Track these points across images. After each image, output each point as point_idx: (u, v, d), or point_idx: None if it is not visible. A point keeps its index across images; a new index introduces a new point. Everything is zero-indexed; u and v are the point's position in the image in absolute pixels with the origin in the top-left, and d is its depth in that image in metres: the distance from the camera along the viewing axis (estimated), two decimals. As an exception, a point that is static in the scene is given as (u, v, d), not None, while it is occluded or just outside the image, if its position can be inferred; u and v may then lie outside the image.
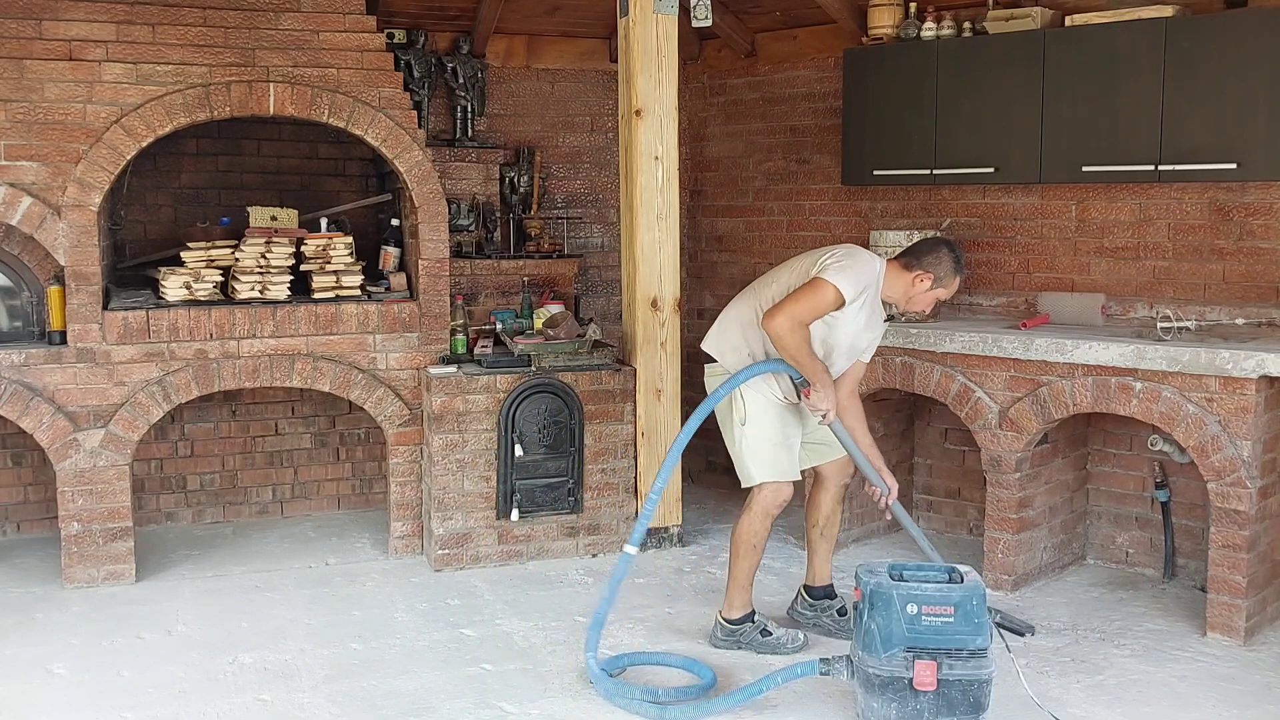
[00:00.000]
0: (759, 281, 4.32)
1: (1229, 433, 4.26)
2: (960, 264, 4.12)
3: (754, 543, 4.23)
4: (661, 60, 5.29)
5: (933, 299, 4.13)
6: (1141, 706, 3.81)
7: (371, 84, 5.21)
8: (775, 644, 4.25)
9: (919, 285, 4.07)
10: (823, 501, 4.42)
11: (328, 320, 5.22)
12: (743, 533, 4.24)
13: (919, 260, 4.08)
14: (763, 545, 4.27)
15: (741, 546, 4.24)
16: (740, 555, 4.24)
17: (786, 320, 3.90)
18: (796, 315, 3.91)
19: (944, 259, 4.07)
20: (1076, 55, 4.92)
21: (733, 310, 4.32)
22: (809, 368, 3.96)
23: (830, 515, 4.43)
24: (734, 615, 4.29)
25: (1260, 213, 4.77)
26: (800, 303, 3.92)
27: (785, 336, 3.92)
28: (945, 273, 4.08)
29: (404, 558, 5.35)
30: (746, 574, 4.26)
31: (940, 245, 4.11)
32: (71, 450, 4.88)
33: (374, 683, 3.99)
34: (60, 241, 4.82)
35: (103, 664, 4.14)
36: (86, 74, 4.83)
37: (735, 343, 4.24)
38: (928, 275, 4.06)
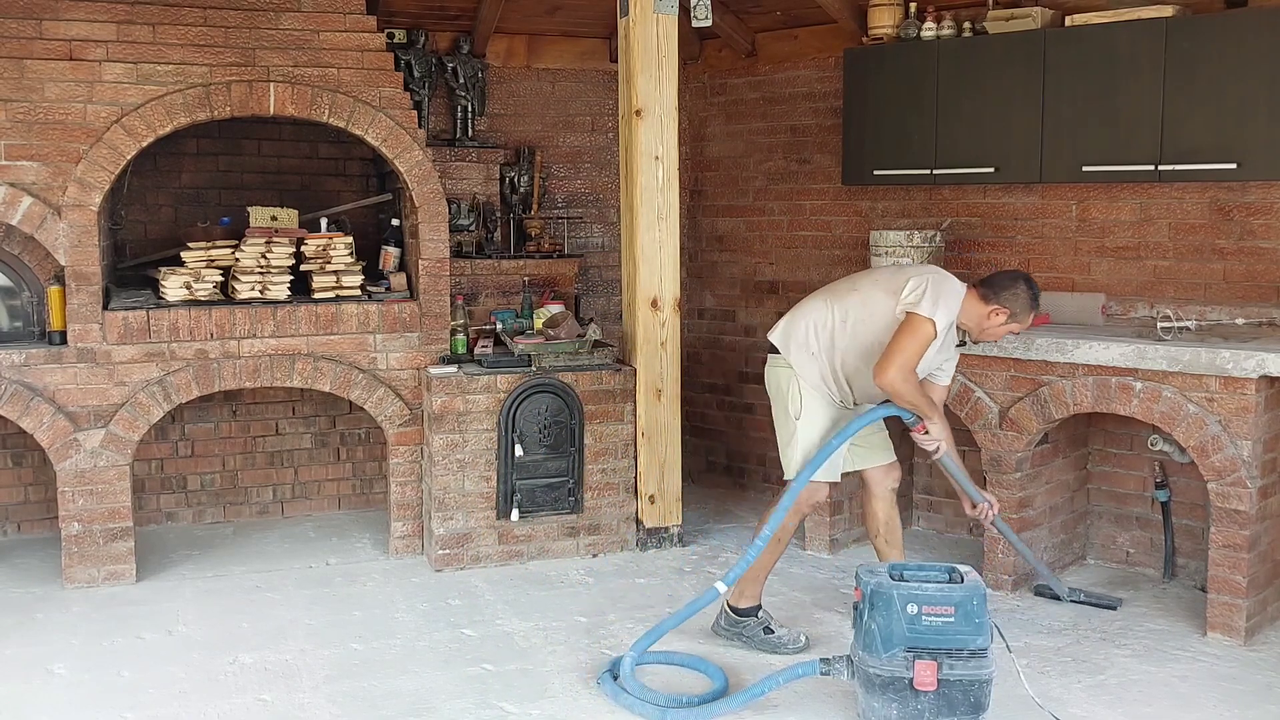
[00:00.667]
0: (839, 285, 4.36)
1: (1229, 433, 4.26)
2: (1036, 301, 4.16)
3: (779, 536, 4.24)
4: (661, 60, 5.29)
5: (1005, 332, 4.19)
6: (1142, 706, 3.81)
7: (372, 84, 5.21)
8: (775, 643, 4.25)
9: (994, 319, 4.12)
10: (877, 509, 4.41)
11: (328, 320, 5.22)
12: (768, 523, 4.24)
13: (997, 294, 4.12)
14: (787, 540, 4.29)
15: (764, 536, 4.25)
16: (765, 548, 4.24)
17: (899, 373, 3.97)
18: (906, 365, 3.99)
19: (1021, 295, 4.11)
20: (1076, 55, 4.92)
21: (806, 308, 4.33)
22: (924, 410, 4.07)
23: (889, 520, 4.41)
24: (741, 605, 4.31)
25: (1261, 212, 4.77)
26: (906, 351, 3.98)
27: (900, 388, 4.00)
28: (1021, 309, 4.13)
29: (404, 558, 5.35)
30: (764, 566, 4.28)
31: (1019, 281, 4.15)
32: (72, 450, 4.88)
33: (374, 683, 3.99)
34: (60, 241, 4.82)
35: (103, 664, 4.14)
36: (87, 74, 4.83)
37: (802, 340, 4.25)
38: (1004, 310, 4.11)
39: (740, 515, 6.15)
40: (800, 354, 4.24)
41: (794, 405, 4.25)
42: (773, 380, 4.36)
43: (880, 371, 3.99)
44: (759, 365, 6.55)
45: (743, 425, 6.71)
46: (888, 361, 3.98)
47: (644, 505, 5.42)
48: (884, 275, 4.27)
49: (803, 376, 4.23)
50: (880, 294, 4.14)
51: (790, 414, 4.26)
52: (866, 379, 4.16)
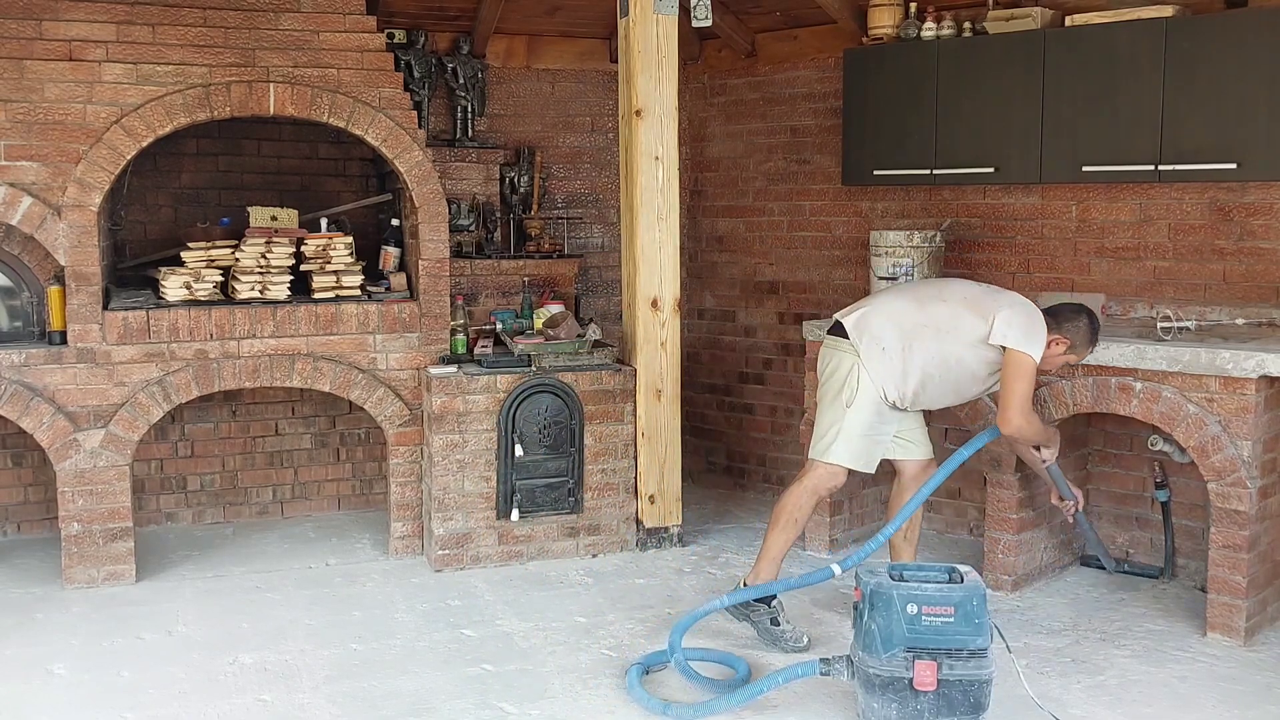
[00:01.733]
0: (924, 290, 4.42)
1: (1229, 433, 4.26)
2: (1096, 335, 4.26)
3: (795, 516, 4.28)
4: (661, 60, 5.29)
5: (1063, 362, 4.29)
6: (1142, 707, 3.81)
7: (371, 84, 5.21)
8: (777, 636, 4.26)
9: (1054, 348, 4.18)
10: (904, 498, 4.44)
11: (328, 320, 5.22)
12: (786, 504, 4.30)
13: (1059, 325, 4.20)
14: (804, 521, 4.32)
15: (781, 518, 4.30)
16: (778, 527, 4.29)
17: (1023, 419, 4.11)
18: (1027, 409, 4.12)
19: (1082, 329, 4.21)
20: (1076, 55, 4.92)
21: (887, 305, 4.33)
22: (1045, 439, 4.36)
23: (913, 518, 4.45)
24: None
25: (1260, 213, 4.77)
26: (1020, 394, 4.09)
27: (1028, 434, 4.21)
28: (1081, 341, 4.23)
29: (404, 558, 5.35)
30: (780, 547, 4.31)
31: (1081, 314, 4.23)
32: (71, 450, 4.88)
33: (374, 683, 3.99)
34: (60, 241, 4.82)
35: (103, 664, 4.14)
36: (86, 74, 4.83)
37: (876, 333, 4.24)
38: (1065, 341, 4.20)
39: (740, 515, 6.15)
40: (871, 347, 4.23)
41: (849, 393, 4.24)
42: (831, 362, 4.35)
43: (1005, 421, 4.11)
44: (759, 365, 6.62)
45: (743, 425, 6.71)
46: (1009, 411, 4.10)
47: (644, 505, 5.42)
48: (973, 294, 4.28)
49: (867, 369, 4.22)
50: (970, 315, 4.17)
51: (843, 400, 4.26)
52: (938, 389, 4.25)
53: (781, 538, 4.29)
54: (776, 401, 6.51)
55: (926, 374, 4.21)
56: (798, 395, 6.08)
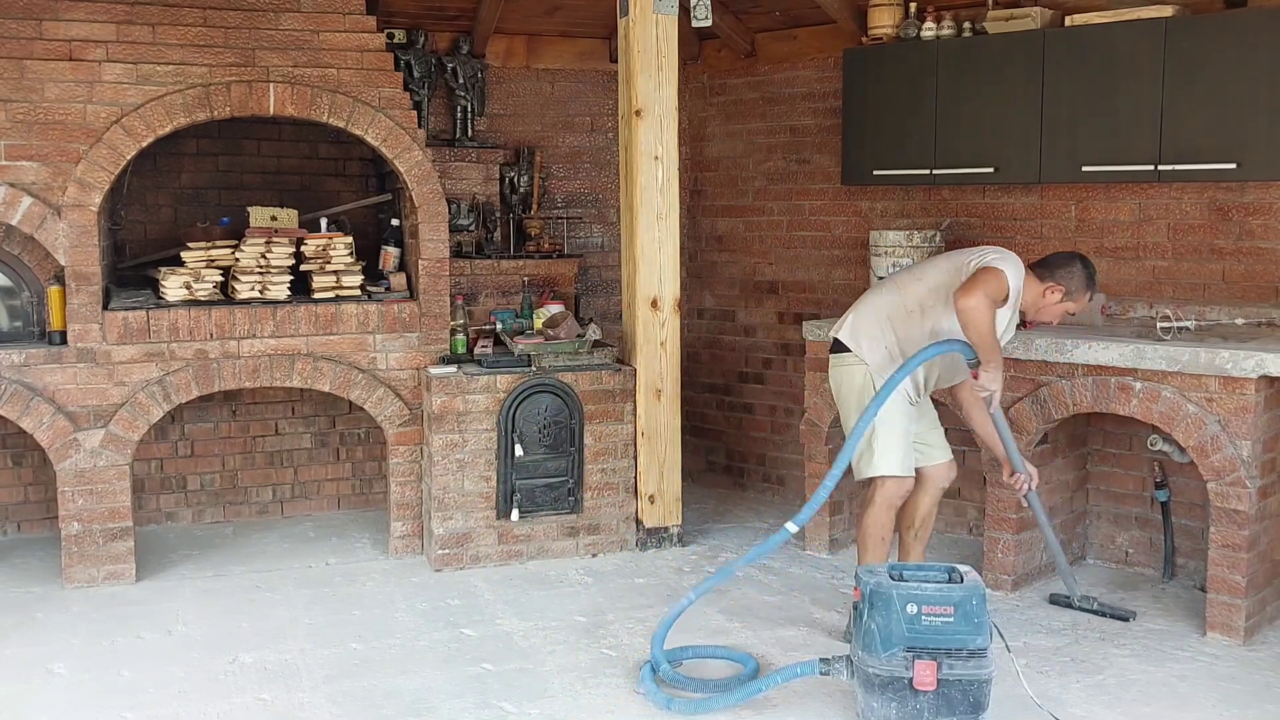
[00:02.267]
0: (901, 277, 4.38)
1: (1229, 432, 4.26)
2: (1093, 280, 4.19)
3: (881, 535, 4.28)
4: (661, 60, 5.29)
5: (1061, 311, 4.21)
6: (1141, 706, 3.82)
7: (371, 84, 5.21)
8: None
9: (1049, 297, 4.15)
10: (920, 503, 4.41)
11: (328, 320, 5.22)
12: (870, 526, 4.28)
13: (1051, 272, 4.15)
14: (890, 537, 4.31)
15: (869, 541, 4.28)
16: (869, 550, 4.28)
17: (981, 299, 3.90)
18: (989, 295, 3.94)
19: (1076, 273, 4.14)
20: (1076, 55, 4.93)
21: (872, 302, 4.34)
22: (990, 346, 3.97)
23: (926, 517, 4.44)
24: None
25: (1260, 212, 4.77)
26: (989, 284, 3.95)
27: (981, 312, 3.91)
28: (1076, 286, 4.15)
29: (404, 558, 5.36)
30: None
31: (1074, 259, 4.18)
32: (71, 450, 4.89)
33: (374, 682, 3.99)
34: (60, 241, 4.82)
35: (103, 664, 4.14)
36: (86, 74, 4.83)
37: (873, 332, 4.24)
38: (1059, 288, 4.15)
39: (740, 515, 6.15)
40: (874, 347, 4.23)
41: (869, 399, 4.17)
42: (843, 380, 4.32)
43: (962, 294, 3.91)
44: (759, 365, 6.62)
45: (742, 425, 6.71)
46: (969, 291, 3.91)
47: (644, 505, 5.42)
48: (945, 260, 4.28)
49: (878, 371, 4.21)
50: (944, 277, 4.16)
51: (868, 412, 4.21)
52: (941, 365, 4.20)
53: (875, 559, 4.26)
54: (776, 401, 6.51)
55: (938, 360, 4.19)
56: (797, 395, 6.08)
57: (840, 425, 5.12)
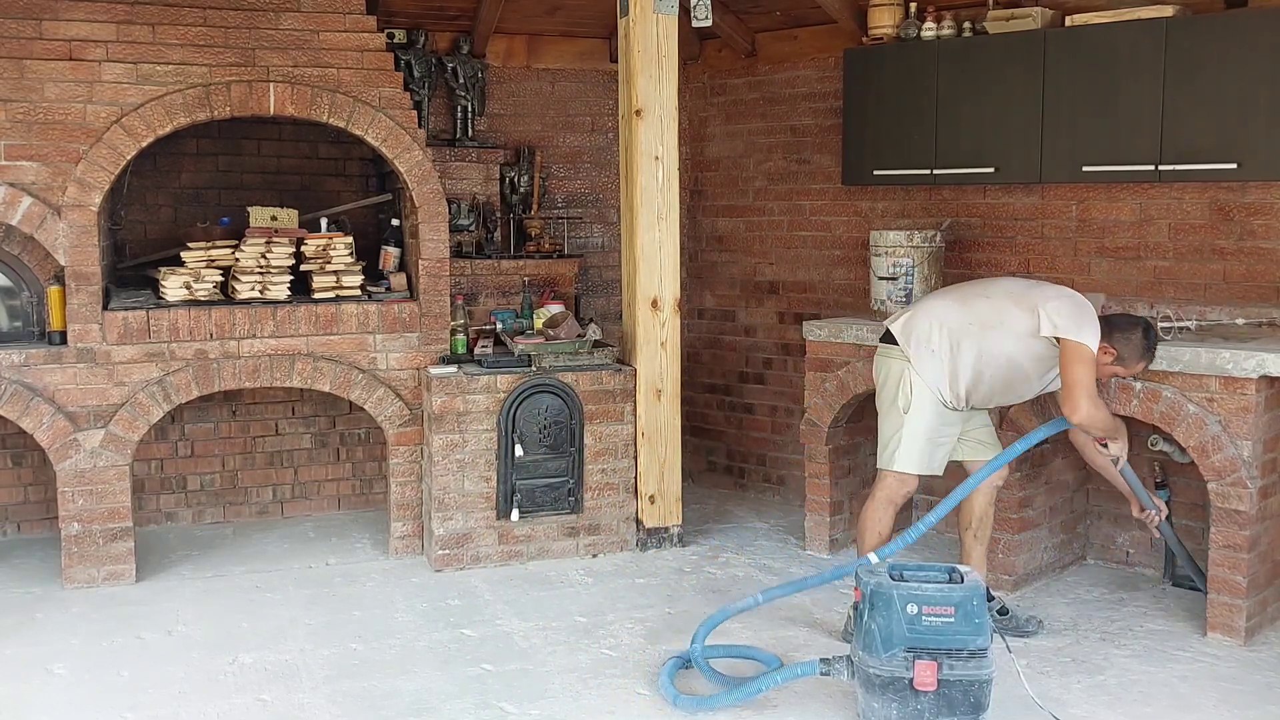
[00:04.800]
0: (967, 289, 4.40)
1: (1229, 433, 4.26)
2: (1150, 351, 4.18)
3: (879, 530, 4.32)
4: (661, 60, 5.29)
5: (1110, 374, 4.22)
6: (1142, 707, 3.81)
7: (371, 84, 5.21)
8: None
9: (1101, 357, 4.11)
10: (975, 503, 4.42)
11: (328, 320, 5.22)
12: (867, 520, 4.34)
13: (1110, 334, 4.13)
14: (888, 532, 4.33)
15: (864, 535, 4.35)
16: (864, 545, 4.33)
17: (1090, 405, 4.03)
18: (1092, 394, 4.04)
19: (1134, 341, 4.14)
20: (1076, 55, 4.92)
21: (933, 306, 4.33)
22: (1111, 430, 4.18)
23: (983, 516, 4.43)
24: None
25: (1260, 213, 4.77)
26: (1084, 381, 4.03)
27: (1096, 420, 4.08)
28: (1130, 354, 4.15)
29: (404, 558, 5.35)
30: None
31: (1137, 327, 4.17)
32: (71, 450, 4.88)
33: (374, 683, 3.99)
34: (60, 241, 4.82)
35: (103, 664, 4.14)
36: (86, 74, 4.83)
37: (924, 336, 4.23)
38: (1111, 351, 4.13)
39: (740, 515, 6.14)
40: (920, 350, 4.23)
41: (904, 399, 4.24)
42: (884, 370, 4.37)
43: (1072, 410, 4.03)
44: (759, 365, 6.62)
45: (743, 425, 6.71)
46: (1074, 398, 4.01)
47: (644, 505, 5.42)
48: (1017, 287, 4.29)
49: (919, 372, 4.22)
50: (1014, 307, 4.16)
51: (899, 407, 4.25)
52: (990, 387, 4.22)
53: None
54: (776, 401, 6.51)
55: (977, 372, 4.20)
56: (798, 395, 6.08)
57: (838, 424, 5.16)
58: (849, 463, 5.47)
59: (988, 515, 4.46)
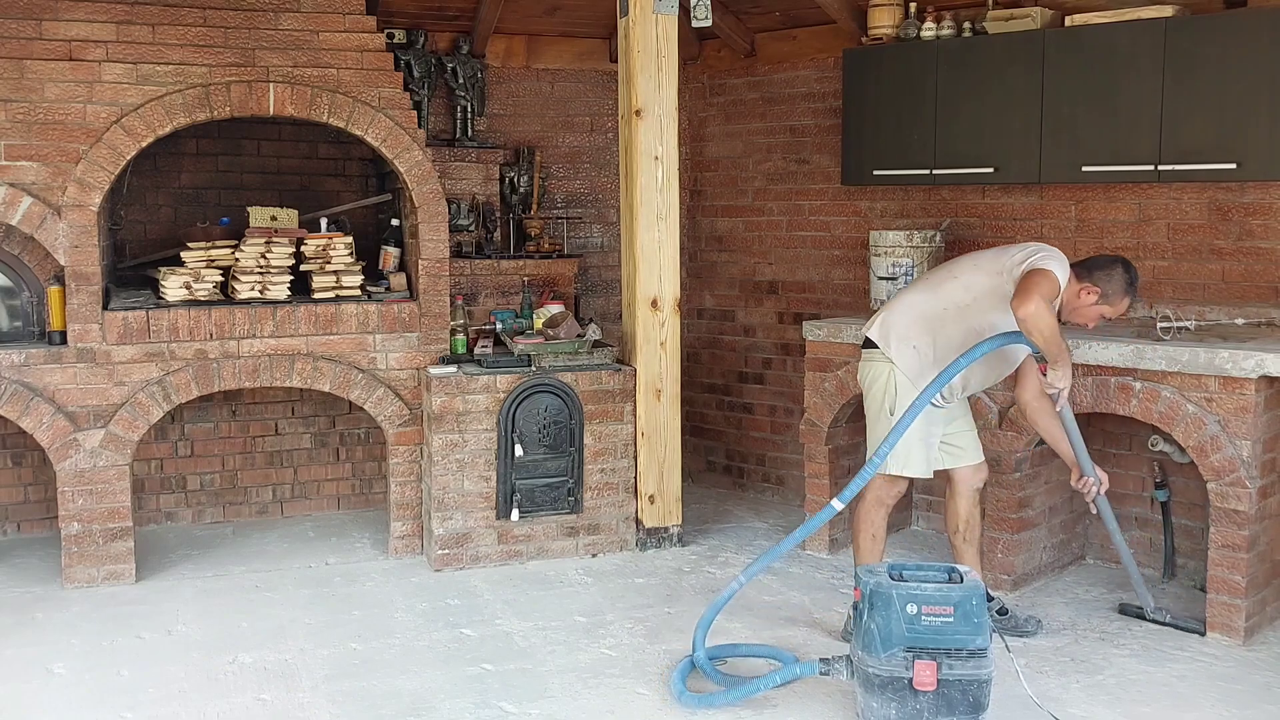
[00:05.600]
0: (935, 274, 4.34)
1: (1228, 433, 4.26)
2: (1132, 285, 4.07)
3: (871, 532, 4.33)
4: (661, 60, 5.29)
5: (1096, 314, 4.10)
6: (1141, 706, 3.82)
7: (371, 84, 5.21)
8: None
9: (1084, 298, 4.04)
10: (959, 507, 4.41)
11: (328, 320, 5.22)
12: (859, 523, 4.37)
13: (1090, 273, 4.06)
14: (882, 535, 4.35)
15: (859, 538, 4.37)
16: (859, 548, 4.37)
17: (1039, 304, 3.85)
18: (1045, 297, 3.89)
19: (1115, 277, 4.04)
20: (1076, 55, 4.93)
21: (905, 301, 4.29)
22: (1056, 344, 3.93)
23: (969, 519, 4.41)
24: None
25: (1260, 213, 4.77)
26: (1043, 286, 3.90)
27: (1042, 317, 3.86)
28: (1114, 290, 4.04)
29: (404, 558, 5.36)
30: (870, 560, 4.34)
31: (1116, 263, 4.08)
32: (71, 450, 4.89)
33: (374, 682, 3.99)
34: (60, 241, 4.82)
35: (103, 664, 4.14)
36: (86, 74, 4.83)
37: (903, 333, 4.20)
38: (1094, 289, 4.04)
39: (740, 515, 6.15)
40: (901, 347, 4.19)
41: (890, 401, 4.20)
42: (868, 375, 4.32)
43: (1020, 303, 3.86)
44: (758, 365, 6.62)
45: (742, 425, 6.71)
46: (1026, 294, 3.87)
47: (644, 505, 5.42)
48: (983, 258, 4.24)
49: (903, 371, 4.18)
50: (982, 276, 4.11)
51: (887, 410, 4.21)
52: (979, 370, 4.15)
53: (871, 551, 4.33)
54: (776, 401, 6.51)
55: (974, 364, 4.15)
56: (797, 395, 6.08)
57: (837, 423, 5.16)
58: (849, 462, 5.47)
59: (973, 517, 4.42)
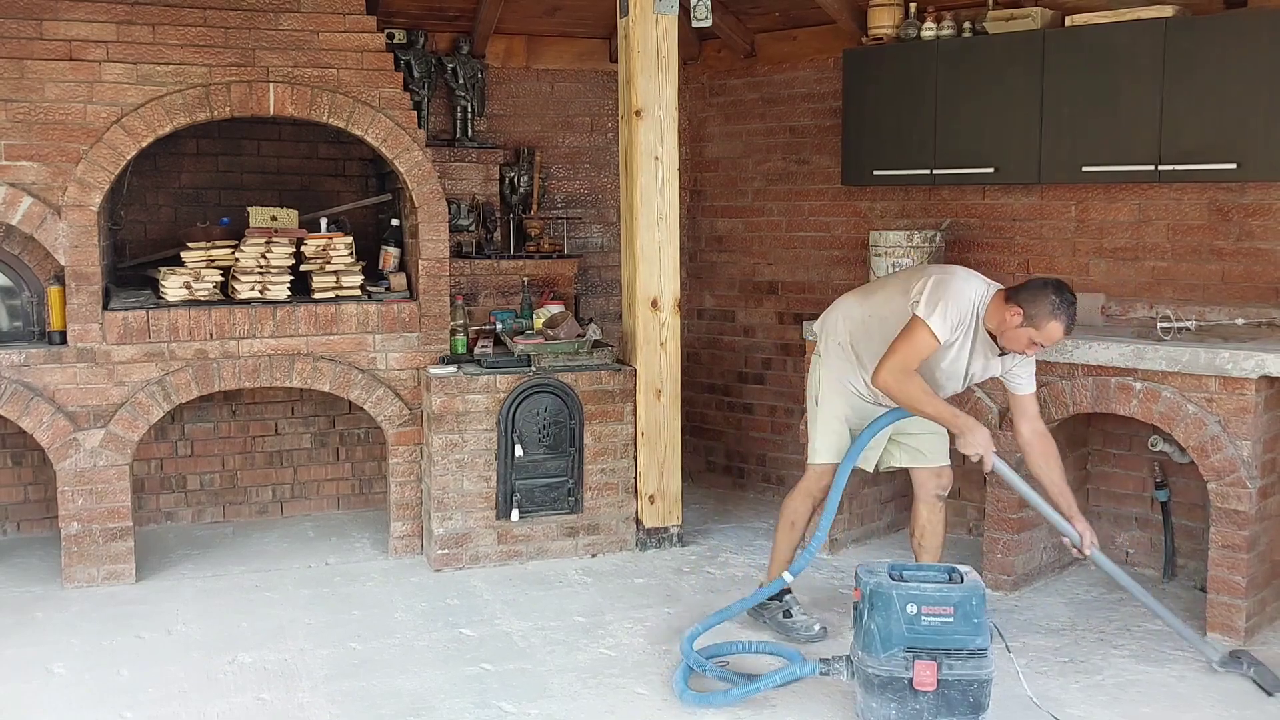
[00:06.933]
0: (874, 282, 4.47)
1: (1229, 433, 4.26)
2: (1060, 310, 3.79)
3: (791, 519, 4.39)
4: (661, 60, 5.29)
5: (1026, 339, 3.85)
6: (1140, 706, 3.81)
7: (371, 84, 5.21)
8: (789, 627, 4.34)
9: (1010, 319, 3.85)
10: (919, 511, 4.40)
11: (328, 320, 5.22)
12: (784, 509, 4.44)
13: (1018, 293, 3.88)
14: (802, 525, 4.39)
15: (781, 522, 4.44)
16: (779, 530, 4.44)
17: (890, 376, 3.88)
18: (898, 366, 3.88)
19: (1041, 299, 3.80)
20: (1076, 55, 4.93)
21: (842, 302, 4.42)
22: (935, 415, 3.91)
23: (927, 525, 4.36)
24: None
25: (1259, 213, 4.77)
26: (898, 353, 3.88)
27: (895, 392, 3.90)
28: (1038, 313, 3.79)
29: (404, 558, 5.35)
30: (784, 550, 4.41)
31: (1048, 286, 3.85)
32: (71, 450, 4.89)
33: (373, 682, 3.99)
34: (60, 241, 4.82)
35: (103, 664, 4.14)
36: (86, 74, 4.83)
37: (832, 329, 4.34)
38: (1018, 310, 3.83)
39: (740, 515, 6.15)
40: (829, 344, 4.33)
41: (813, 388, 4.37)
42: (808, 374, 4.49)
43: (877, 375, 3.94)
44: (758, 365, 6.62)
45: (742, 425, 6.71)
46: (881, 365, 3.94)
47: (644, 505, 5.42)
48: (909, 274, 4.29)
49: (827, 365, 4.31)
50: (898, 294, 4.09)
51: (812, 399, 4.37)
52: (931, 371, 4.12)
53: (782, 541, 4.42)
54: (776, 401, 6.51)
55: None
56: (797, 395, 6.08)
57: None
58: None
59: (932, 522, 4.36)
